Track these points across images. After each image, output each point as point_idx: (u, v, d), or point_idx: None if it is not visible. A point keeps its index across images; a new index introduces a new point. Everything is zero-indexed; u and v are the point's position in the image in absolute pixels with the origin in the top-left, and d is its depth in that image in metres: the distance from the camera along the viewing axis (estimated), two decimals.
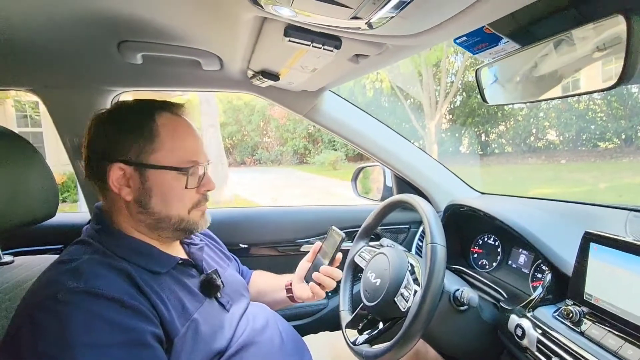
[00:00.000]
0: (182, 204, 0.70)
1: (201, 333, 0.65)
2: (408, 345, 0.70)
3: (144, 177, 0.66)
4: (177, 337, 0.61)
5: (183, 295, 0.67)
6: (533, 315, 0.73)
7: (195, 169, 0.70)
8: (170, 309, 0.62)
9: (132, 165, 0.66)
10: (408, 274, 0.80)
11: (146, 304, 0.59)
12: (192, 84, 1.12)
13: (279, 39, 0.62)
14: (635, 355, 0.54)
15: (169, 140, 0.68)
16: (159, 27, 0.75)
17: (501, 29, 0.53)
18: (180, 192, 0.69)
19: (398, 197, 0.94)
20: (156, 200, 0.67)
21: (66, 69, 0.97)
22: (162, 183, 0.67)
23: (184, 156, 0.69)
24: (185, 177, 0.68)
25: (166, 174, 0.67)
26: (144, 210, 0.68)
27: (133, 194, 0.67)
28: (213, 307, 0.73)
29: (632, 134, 8.47)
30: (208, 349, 0.65)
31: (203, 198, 0.74)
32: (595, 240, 0.64)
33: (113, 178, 0.65)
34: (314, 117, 1.19)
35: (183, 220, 0.70)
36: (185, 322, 0.64)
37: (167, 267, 0.69)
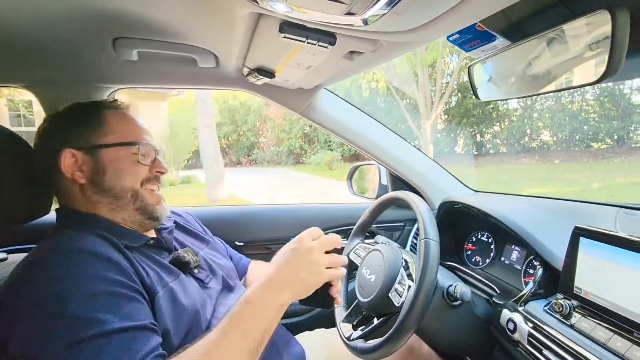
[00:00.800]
0: (134, 176, 0.73)
1: (178, 301, 0.66)
2: (402, 340, 0.71)
3: (96, 158, 0.70)
4: (157, 296, 0.63)
5: (157, 268, 0.69)
6: (524, 309, 0.74)
7: (144, 147, 0.74)
8: (149, 273, 0.65)
9: (82, 149, 0.70)
10: (402, 269, 0.81)
11: (127, 264, 0.62)
12: (188, 81, 1.12)
13: (275, 36, 0.63)
14: (623, 347, 0.55)
15: (117, 124, 0.73)
16: (155, 23, 0.75)
17: (492, 26, 0.54)
18: (133, 166, 0.73)
19: (392, 194, 0.95)
20: (109, 175, 0.70)
21: (60, 66, 0.97)
22: (114, 159, 0.71)
23: (137, 136, 0.74)
24: (137, 151, 0.72)
25: (119, 150, 0.71)
26: (99, 190, 0.70)
27: (86, 177, 0.70)
28: (190, 281, 0.74)
29: (624, 135, 8.58)
30: (187, 317, 0.66)
31: (154, 178, 0.77)
32: (584, 235, 0.66)
33: (65, 164, 0.69)
34: (309, 115, 1.20)
35: (137, 194, 0.73)
36: (162, 287, 0.66)
37: (138, 242, 0.71)
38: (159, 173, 0.77)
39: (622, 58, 0.37)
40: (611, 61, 0.37)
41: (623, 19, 0.37)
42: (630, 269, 0.57)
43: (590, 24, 0.40)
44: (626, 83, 8.45)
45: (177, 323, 0.64)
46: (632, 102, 8.69)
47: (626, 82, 8.42)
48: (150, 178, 0.76)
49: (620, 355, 0.54)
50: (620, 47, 0.37)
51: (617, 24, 0.37)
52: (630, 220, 0.81)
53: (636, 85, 8.43)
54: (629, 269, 0.57)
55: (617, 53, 0.37)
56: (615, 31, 0.37)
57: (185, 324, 0.65)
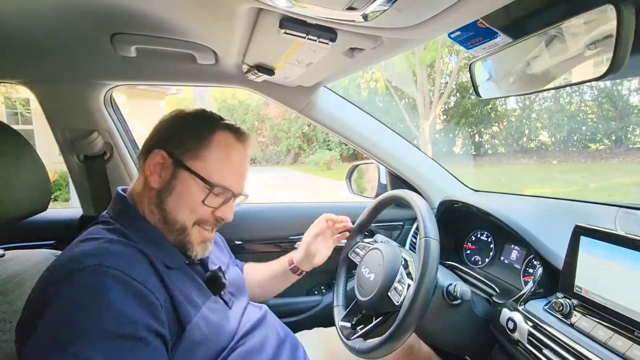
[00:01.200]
0: (191, 213, 0.70)
1: (212, 325, 0.66)
2: (401, 339, 0.70)
3: (175, 174, 0.69)
4: (189, 325, 0.61)
5: (192, 289, 0.68)
6: (524, 308, 0.73)
7: (221, 191, 0.71)
8: (182, 299, 0.63)
9: (172, 158, 0.69)
10: (402, 268, 0.81)
11: (161, 289, 0.60)
12: (187, 78, 1.11)
13: (275, 31, 0.62)
14: (624, 346, 0.55)
15: (215, 157, 0.70)
16: (153, 19, 0.75)
17: (495, 23, 0.54)
18: (196, 203, 0.69)
19: (392, 192, 0.94)
20: (172, 199, 0.69)
21: (58, 62, 0.96)
22: (185, 187, 0.69)
23: (220, 177, 0.70)
24: (208, 192, 0.69)
25: (194, 182, 0.69)
26: (159, 203, 0.69)
27: (159, 184, 0.69)
28: (218, 303, 0.74)
29: (622, 135, 8.61)
30: (217, 341, 0.66)
31: (212, 221, 0.73)
32: (585, 234, 0.65)
33: (152, 161, 0.69)
34: (309, 113, 1.19)
35: (185, 230, 0.70)
36: (196, 313, 0.65)
37: (178, 264, 0.69)
38: (221, 219, 0.74)
39: (627, 54, 0.37)
40: (616, 56, 0.37)
41: (628, 13, 0.36)
42: (631, 268, 0.57)
43: (593, 20, 0.40)
44: (624, 84, 8.48)
45: (210, 345, 0.64)
46: (630, 103, 8.73)
47: (624, 83, 8.45)
48: (209, 220, 0.72)
49: (620, 354, 0.54)
50: (626, 43, 0.37)
51: (623, 19, 0.36)
52: (630, 219, 0.81)
53: (634, 86, 8.46)
54: (630, 268, 0.57)
55: (622, 49, 0.37)
56: (621, 26, 0.36)
57: (217, 344, 0.66)
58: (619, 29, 0.37)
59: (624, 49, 0.37)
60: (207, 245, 0.75)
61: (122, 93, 1.71)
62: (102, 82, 1.08)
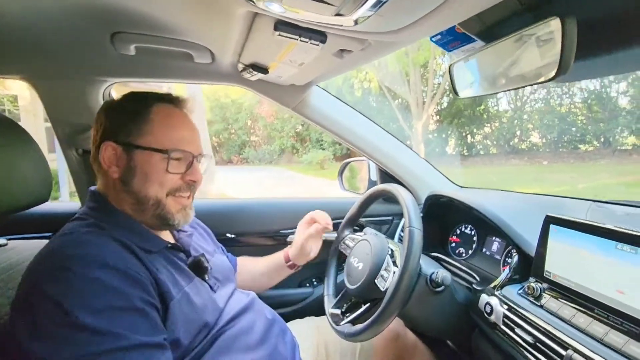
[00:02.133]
0: (160, 186, 0.72)
1: (194, 304, 0.69)
2: (386, 322, 0.75)
3: (131, 157, 0.71)
4: (172, 302, 0.65)
5: (174, 271, 0.71)
6: (501, 293, 0.79)
7: (179, 154, 0.73)
8: (165, 278, 0.67)
9: (121, 145, 0.71)
10: (388, 257, 0.85)
11: (144, 271, 0.63)
12: (184, 76, 1.15)
13: (269, 33, 0.67)
14: (585, 322, 0.60)
15: (159, 126, 0.72)
16: (153, 19, 0.78)
17: (469, 29, 0.60)
18: (161, 174, 0.72)
19: (380, 186, 0.99)
20: (138, 179, 0.71)
21: (59, 59, 0.99)
22: (145, 163, 0.71)
23: (171, 142, 0.72)
24: (167, 159, 0.71)
25: (151, 156, 0.71)
26: (127, 189, 0.72)
27: (119, 172, 0.71)
28: (203, 286, 0.77)
29: (610, 137, 8.79)
30: (198, 321, 0.69)
31: (185, 186, 0.76)
32: (554, 222, 0.71)
33: (104, 156, 0.71)
34: (301, 110, 1.24)
35: (160, 203, 0.72)
36: (178, 292, 0.68)
37: (157, 247, 0.72)
38: (191, 182, 0.76)
39: (571, 60, 0.42)
40: (562, 61, 0.43)
41: (571, 25, 0.42)
42: (593, 252, 0.63)
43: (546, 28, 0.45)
44: (613, 86, 8.65)
45: (189, 325, 0.67)
46: (619, 105, 8.91)
47: (613, 85, 8.62)
48: (182, 187, 0.75)
49: (582, 329, 0.60)
50: (569, 51, 0.42)
51: (566, 30, 0.42)
52: (600, 212, 0.87)
53: (622, 88, 8.64)
54: (592, 253, 0.63)
55: (567, 54, 0.42)
56: (565, 36, 0.42)
57: (196, 326, 0.69)
58: (563, 38, 0.42)
59: (567, 55, 0.42)
60: (188, 211, 0.78)
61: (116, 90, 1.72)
62: (101, 78, 1.11)
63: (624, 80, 8.29)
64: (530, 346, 0.66)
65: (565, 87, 9.28)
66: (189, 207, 0.78)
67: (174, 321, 0.65)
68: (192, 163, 0.76)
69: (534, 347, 0.65)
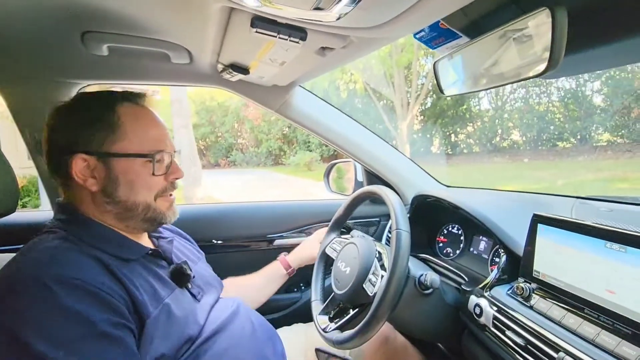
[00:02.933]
0: (148, 190, 0.70)
1: (174, 317, 0.65)
2: (375, 328, 0.73)
3: (109, 166, 0.67)
4: (149, 319, 0.61)
5: (154, 282, 0.68)
6: (490, 294, 0.78)
7: (161, 155, 0.71)
8: (142, 292, 0.63)
9: (95, 155, 0.66)
10: (376, 260, 0.83)
11: (117, 288, 0.59)
12: (161, 77, 1.10)
13: (247, 31, 0.64)
14: (575, 323, 0.59)
15: (131, 129, 0.68)
16: (125, 17, 0.74)
17: (454, 24, 0.58)
18: (147, 178, 0.69)
19: (366, 188, 0.97)
20: (123, 188, 0.67)
21: (26, 61, 0.93)
22: (128, 171, 0.67)
23: (149, 144, 0.70)
24: (152, 163, 0.69)
25: (132, 162, 0.68)
26: (111, 200, 0.67)
27: (99, 185, 0.67)
28: (184, 295, 0.73)
29: (587, 135, 9.07)
30: (180, 334, 0.65)
31: (170, 186, 0.75)
32: (542, 222, 0.70)
33: (76, 170, 0.65)
34: (285, 112, 1.21)
35: (150, 207, 0.70)
36: (157, 305, 0.64)
37: (136, 255, 0.69)
38: (175, 179, 0.75)
39: (562, 54, 0.41)
40: (552, 55, 0.41)
41: (562, 17, 0.40)
42: (582, 251, 0.62)
43: (535, 20, 0.44)
44: (588, 85, 8.94)
45: (170, 339, 0.63)
46: (593, 103, 9.20)
47: (588, 84, 8.91)
48: (167, 188, 0.73)
49: (572, 330, 0.59)
50: (560, 44, 0.41)
51: (557, 23, 0.40)
52: (585, 209, 0.87)
53: (597, 87, 8.93)
54: (580, 251, 0.62)
55: (557, 47, 0.41)
56: (555, 29, 0.40)
57: (178, 340, 0.65)
58: (553, 31, 0.41)
59: (558, 48, 0.41)
60: (174, 207, 0.76)
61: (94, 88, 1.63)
62: (72, 81, 1.05)
63: (598, 79, 8.58)
64: (521, 348, 0.65)
65: (543, 87, 9.55)
66: (174, 203, 0.77)
67: (153, 338, 0.61)
68: (172, 162, 0.74)
69: (524, 349, 0.64)
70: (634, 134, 7.76)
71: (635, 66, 7.04)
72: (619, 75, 7.84)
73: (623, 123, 8.01)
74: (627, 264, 0.54)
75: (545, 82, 8.66)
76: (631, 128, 7.86)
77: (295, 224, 1.39)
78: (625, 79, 7.83)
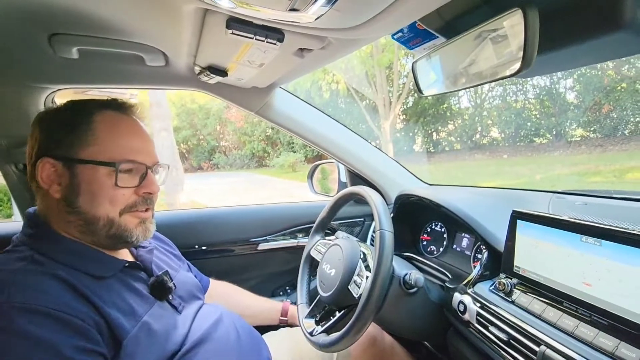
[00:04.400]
0: (111, 204, 0.65)
1: (154, 333, 0.63)
2: (361, 330, 0.73)
3: (73, 173, 0.63)
4: (126, 339, 0.58)
5: (130, 298, 0.65)
6: (473, 291, 0.79)
7: (131, 166, 0.67)
8: (117, 312, 0.60)
9: (61, 160, 0.63)
10: (360, 261, 0.83)
11: (87, 310, 0.56)
12: (136, 80, 1.07)
13: (222, 32, 0.62)
14: (555, 316, 0.61)
15: (104, 136, 0.65)
16: (96, 19, 0.71)
17: (430, 25, 0.58)
18: (111, 190, 0.65)
19: (349, 189, 0.97)
20: (84, 198, 0.64)
21: None
22: (91, 180, 0.64)
23: (120, 153, 0.66)
24: (115, 173, 0.64)
25: (97, 170, 0.64)
26: (71, 210, 0.64)
27: (62, 192, 0.64)
28: (164, 309, 0.71)
29: (562, 130, 9.38)
30: (162, 349, 0.63)
31: (141, 201, 0.69)
32: (521, 218, 0.72)
33: (42, 174, 0.63)
34: (266, 114, 1.19)
35: (113, 223, 0.65)
36: (135, 324, 0.61)
37: (112, 271, 0.65)
38: (147, 194, 0.69)
39: (534, 53, 0.42)
40: (525, 55, 0.42)
41: (533, 17, 0.41)
42: (559, 246, 0.63)
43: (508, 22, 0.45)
44: (561, 82, 9.25)
45: (154, 354, 0.61)
46: (567, 100, 9.52)
47: (561, 82, 9.22)
48: (137, 202, 0.67)
49: (552, 324, 0.60)
50: (532, 43, 0.41)
51: (528, 22, 0.41)
52: (562, 203, 0.90)
53: (569, 84, 9.24)
54: (558, 246, 0.64)
55: (530, 48, 0.41)
56: (527, 29, 0.41)
57: (162, 353, 0.63)
58: (526, 31, 0.41)
59: (531, 48, 0.42)
60: (147, 225, 0.71)
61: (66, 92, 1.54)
62: (41, 85, 1.00)
63: (570, 76, 8.89)
64: (504, 343, 0.66)
65: (520, 84, 9.82)
66: (149, 221, 0.72)
67: (134, 356, 0.58)
68: (146, 174, 0.69)
69: (508, 344, 0.65)
70: (605, 129, 8.07)
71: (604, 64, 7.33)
72: (590, 72, 8.15)
73: (595, 119, 8.32)
74: (602, 257, 0.56)
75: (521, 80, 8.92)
76: (602, 123, 8.17)
77: (279, 227, 1.37)
78: (595, 76, 8.14)
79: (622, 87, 7.70)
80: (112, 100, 0.70)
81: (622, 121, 7.74)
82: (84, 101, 0.69)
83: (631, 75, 7.55)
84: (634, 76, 7.48)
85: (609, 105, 7.92)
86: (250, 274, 1.36)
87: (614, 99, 7.77)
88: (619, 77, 7.77)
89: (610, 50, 0.49)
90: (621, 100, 7.65)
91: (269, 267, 1.39)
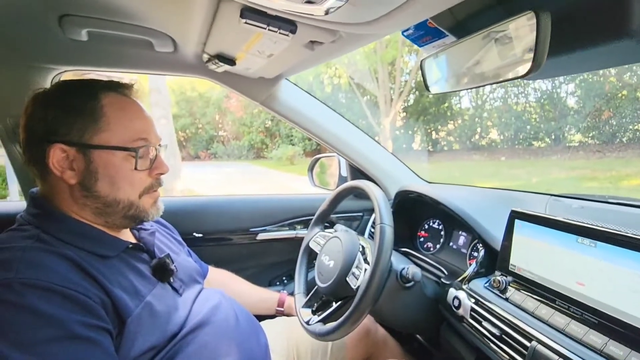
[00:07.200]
0: (132, 187, 0.68)
1: (156, 314, 0.65)
2: (358, 320, 0.74)
3: (89, 158, 0.64)
4: (130, 318, 0.60)
5: (134, 278, 0.66)
6: (468, 287, 0.81)
7: (145, 149, 0.68)
8: (121, 291, 0.61)
9: (75, 146, 0.63)
10: (359, 254, 0.85)
11: (93, 288, 0.57)
12: (143, 65, 1.07)
13: (236, 21, 0.63)
14: (548, 314, 0.63)
15: (115, 120, 0.66)
16: (107, 2, 0.71)
17: (441, 23, 0.59)
18: (130, 174, 0.67)
19: (351, 183, 0.98)
20: (103, 183, 0.65)
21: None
22: (109, 164, 0.65)
23: (133, 136, 0.67)
24: (134, 157, 0.66)
25: (113, 155, 0.65)
26: (90, 194, 0.65)
27: (77, 177, 0.64)
28: (166, 290, 0.72)
29: (560, 135, 9.43)
30: (164, 330, 0.65)
31: (156, 182, 0.72)
32: (519, 217, 0.73)
33: (54, 160, 0.63)
34: (270, 105, 1.20)
35: (133, 205, 0.68)
36: (138, 303, 0.63)
37: (116, 251, 0.67)
38: (159, 175, 0.72)
39: (544, 56, 0.43)
40: (535, 57, 0.43)
41: (546, 20, 0.42)
42: (555, 246, 0.65)
43: (520, 24, 0.46)
44: (563, 87, 9.27)
45: (156, 334, 0.63)
46: (568, 105, 9.55)
47: (563, 87, 9.24)
48: (152, 184, 0.71)
49: (544, 321, 0.62)
50: (543, 46, 0.43)
51: (541, 25, 0.42)
52: (558, 205, 0.92)
53: (571, 89, 9.27)
54: (554, 246, 0.65)
55: (540, 52, 0.43)
56: (539, 31, 0.42)
57: (163, 333, 0.64)
58: (537, 33, 0.43)
59: (541, 51, 0.43)
60: (159, 204, 0.74)
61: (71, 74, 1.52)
62: (49, 66, 1.00)
63: (572, 81, 8.91)
64: (496, 338, 0.68)
65: (521, 87, 9.83)
66: (159, 200, 0.75)
67: (137, 335, 0.60)
68: (157, 156, 0.71)
69: (500, 339, 0.67)
70: (604, 135, 8.12)
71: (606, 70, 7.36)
72: (592, 78, 8.17)
73: (594, 125, 8.36)
74: (597, 258, 0.58)
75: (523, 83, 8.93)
76: (601, 130, 8.21)
77: (278, 218, 1.39)
78: (597, 82, 8.16)
79: (623, 95, 7.73)
80: (115, 82, 0.70)
81: (621, 128, 7.78)
82: (85, 83, 0.69)
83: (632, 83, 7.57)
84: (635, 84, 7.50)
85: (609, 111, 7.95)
86: (248, 263, 1.38)
87: (615, 106, 7.80)
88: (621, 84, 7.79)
89: (616, 57, 0.51)
90: (621, 108, 7.68)
91: (267, 257, 1.41)
